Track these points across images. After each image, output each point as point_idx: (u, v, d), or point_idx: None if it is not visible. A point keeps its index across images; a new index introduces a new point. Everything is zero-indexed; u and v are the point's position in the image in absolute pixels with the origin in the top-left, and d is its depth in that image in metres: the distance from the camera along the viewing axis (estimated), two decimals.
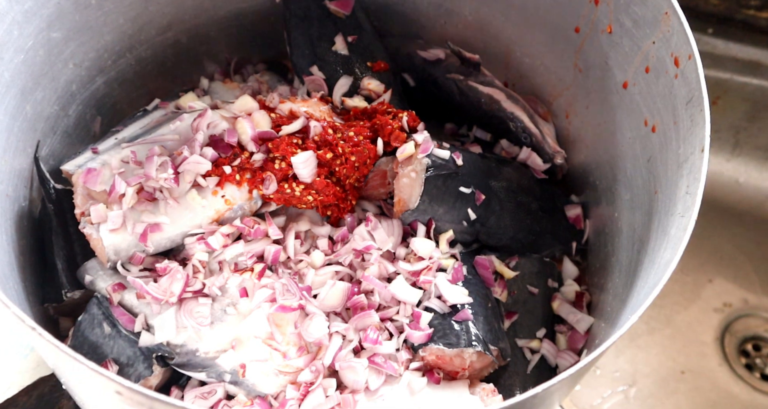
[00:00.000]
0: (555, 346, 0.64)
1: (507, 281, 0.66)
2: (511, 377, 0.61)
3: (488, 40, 0.76)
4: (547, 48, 0.71)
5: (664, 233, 0.48)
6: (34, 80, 0.63)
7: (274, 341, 0.57)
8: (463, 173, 0.65)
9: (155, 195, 0.61)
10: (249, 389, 0.56)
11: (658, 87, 0.55)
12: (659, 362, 0.77)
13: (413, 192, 0.64)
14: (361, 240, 0.63)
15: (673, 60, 0.52)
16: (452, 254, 0.65)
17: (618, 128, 0.63)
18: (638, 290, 0.49)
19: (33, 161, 0.64)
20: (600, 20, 0.62)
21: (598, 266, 0.68)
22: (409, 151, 0.64)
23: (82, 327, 0.58)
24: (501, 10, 0.72)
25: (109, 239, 0.59)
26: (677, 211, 0.47)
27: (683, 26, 0.51)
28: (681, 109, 0.51)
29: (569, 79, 0.71)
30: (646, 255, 0.52)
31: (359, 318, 0.59)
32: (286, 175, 0.63)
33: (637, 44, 0.58)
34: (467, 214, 0.65)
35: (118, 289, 0.59)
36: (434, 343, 0.57)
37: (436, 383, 0.57)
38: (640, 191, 0.59)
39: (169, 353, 0.56)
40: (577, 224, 0.73)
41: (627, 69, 0.60)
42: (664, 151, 0.54)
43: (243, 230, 0.62)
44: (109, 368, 0.55)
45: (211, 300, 0.59)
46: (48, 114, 0.66)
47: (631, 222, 0.60)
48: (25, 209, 0.63)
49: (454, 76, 0.75)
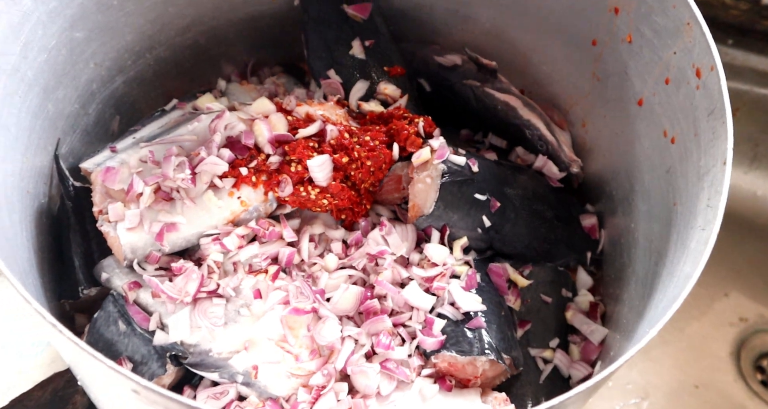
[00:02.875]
0: (568, 356, 0.64)
1: (520, 290, 0.66)
2: (523, 387, 0.61)
3: (505, 47, 0.75)
4: (564, 56, 0.71)
5: (684, 246, 0.48)
6: (56, 79, 0.63)
7: (287, 343, 0.57)
8: (478, 180, 0.65)
9: (172, 195, 0.62)
10: (261, 391, 0.56)
11: (678, 98, 0.55)
12: (672, 375, 0.77)
13: (428, 198, 0.64)
14: (375, 245, 0.63)
15: (695, 71, 0.52)
16: (466, 260, 0.65)
17: (636, 138, 0.63)
18: (656, 303, 0.48)
19: (53, 159, 0.65)
20: (620, 29, 0.61)
21: (613, 277, 0.68)
22: (424, 157, 0.64)
23: (97, 324, 0.58)
24: (519, 17, 0.72)
25: (126, 237, 0.59)
26: (697, 224, 0.47)
27: (706, 37, 0.50)
28: (702, 120, 0.51)
29: (587, 87, 0.70)
30: (665, 268, 0.51)
31: (372, 323, 0.59)
32: (302, 178, 0.64)
33: (657, 54, 0.57)
34: (482, 221, 0.65)
35: (133, 287, 0.60)
36: (447, 350, 0.57)
37: (448, 390, 0.57)
38: (658, 202, 0.58)
39: (183, 353, 0.57)
40: (592, 234, 0.72)
41: (647, 79, 0.60)
42: (684, 163, 0.53)
43: (258, 231, 0.62)
44: (124, 365, 0.56)
45: (225, 301, 0.59)
46: (69, 112, 0.67)
47: (648, 233, 0.59)
48: (45, 205, 0.64)
49: (470, 83, 0.75)
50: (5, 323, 0.68)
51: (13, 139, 0.58)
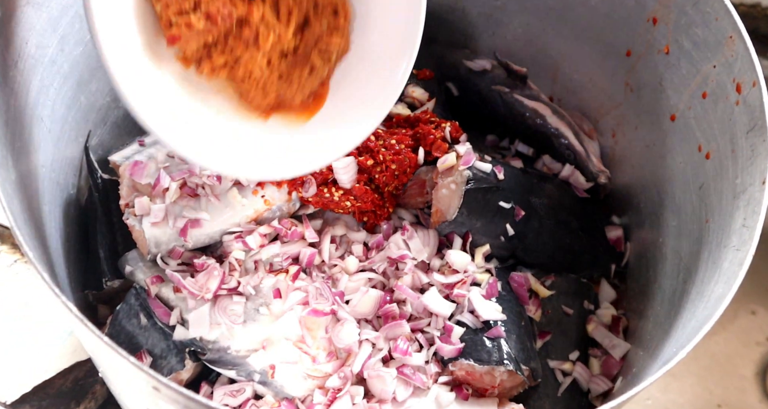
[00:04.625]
0: (588, 370, 0.63)
1: (542, 300, 0.65)
2: (540, 399, 0.60)
3: (536, 54, 0.75)
4: (597, 65, 0.70)
5: (716, 265, 0.47)
6: (90, 72, 0.64)
7: (305, 344, 0.58)
8: (503, 188, 0.64)
9: (197, 191, 0.62)
10: (277, 391, 0.56)
11: (716, 113, 0.53)
12: (695, 393, 0.75)
13: (452, 204, 0.63)
14: (396, 249, 0.63)
15: (735, 86, 0.51)
16: (487, 268, 0.64)
17: (668, 152, 0.62)
18: (684, 323, 0.47)
19: (83, 151, 0.66)
20: (657, 40, 0.60)
21: (637, 291, 0.66)
22: (450, 162, 0.64)
23: (119, 317, 0.59)
24: (552, 24, 0.71)
25: (150, 231, 0.60)
26: (731, 243, 0.46)
27: (749, 52, 0.49)
28: (740, 137, 0.49)
29: (619, 97, 0.69)
30: (694, 286, 0.50)
31: (390, 327, 0.59)
32: (326, 179, 0.64)
33: (695, 67, 0.56)
34: (505, 229, 0.64)
35: (156, 281, 0.60)
36: (465, 358, 0.57)
37: (465, 399, 0.57)
38: (689, 219, 0.57)
39: (202, 349, 0.57)
40: (617, 246, 0.71)
41: (683, 92, 0.58)
42: (719, 180, 0.52)
43: (280, 231, 0.63)
44: (144, 359, 0.56)
45: (245, 299, 0.59)
46: (100, 105, 0.68)
47: (677, 250, 0.58)
48: (73, 196, 0.65)
49: (499, 88, 0.75)
50: (29, 310, 0.70)
51: (46, 130, 0.59)
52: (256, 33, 0.43)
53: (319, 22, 0.47)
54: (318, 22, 0.47)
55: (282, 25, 0.44)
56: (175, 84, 0.46)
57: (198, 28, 0.41)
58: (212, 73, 0.45)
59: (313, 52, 0.48)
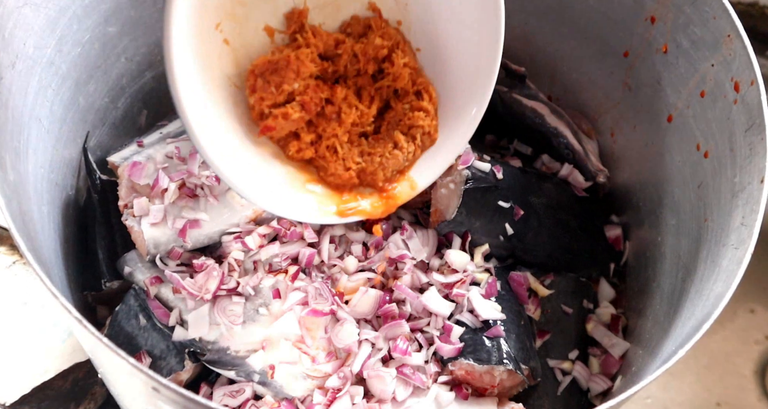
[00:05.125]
0: (587, 369, 0.63)
1: (541, 299, 0.65)
2: (540, 398, 0.60)
3: (535, 53, 0.74)
4: (596, 64, 0.70)
5: (714, 263, 0.47)
6: (88, 73, 0.64)
7: (304, 344, 0.57)
8: (502, 187, 0.64)
9: (196, 192, 0.62)
10: (277, 391, 0.56)
11: (714, 111, 0.53)
12: (694, 391, 0.75)
13: (451, 203, 0.63)
14: (396, 249, 0.63)
15: (733, 85, 0.51)
16: (487, 268, 0.64)
17: (667, 151, 0.62)
18: (683, 321, 0.47)
19: (81, 151, 0.66)
20: (655, 39, 0.60)
21: (636, 290, 0.67)
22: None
23: (118, 317, 0.59)
24: (551, 23, 0.71)
25: (149, 232, 0.60)
26: (730, 242, 0.46)
27: (747, 51, 0.49)
28: (739, 136, 0.49)
29: (618, 96, 0.69)
30: (693, 285, 0.50)
31: (389, 327, 0.59)
32: None
33: (694, 66, 0.56)
34: (504, 228, 0.64)
35: (155, 282, 0.60)
36: (464, 358, 0.57)
37: (464, 398, 0.57)
38: (688, 217, 0.57)
39: (201, 350, 0.57)
40: (616, 245, 0.71)
41: (681, 91, 0.58)
42: (718, 179, 0.52)
43: (279, 231, 0.63)
44: (143, 360, 0.56)
45: (244, 299, 0.59)
46: (98, 106, 0.68)
47: (676, 248, 0.58)
48: (72, 197, 0.65)
49: (498, 88, 0.75)
50: (28, 312, 0.70)
51: (44, 131, 0.58)
52: (339, 110, 0.44)
53: (401, 104, 0.48)
54: (400, 104, 0.48)
55: (364, 105, 0.45)
56: (264, 163, 0.47)
57: (294, 118, 0.43)
58: (298, 154, 0.46)
59: (395, 131, 0.49)
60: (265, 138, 0.46)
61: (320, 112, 0.45)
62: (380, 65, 0.45)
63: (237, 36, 0.43)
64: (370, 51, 0.43)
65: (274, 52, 0.43)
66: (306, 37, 0.43)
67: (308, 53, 0.42)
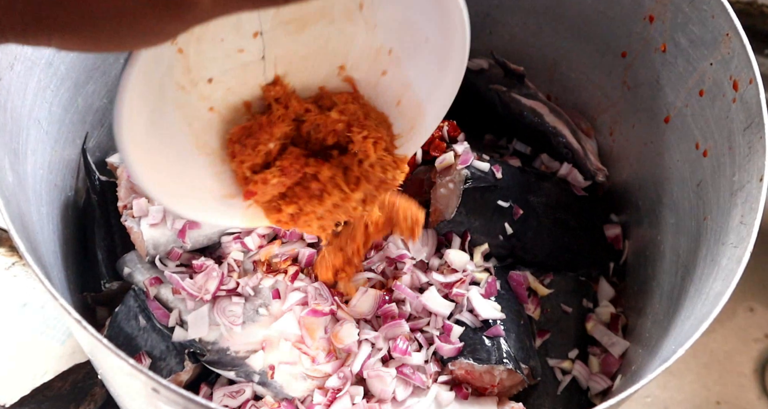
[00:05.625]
0: (587, 368, 0.63)
1: (540, 299, 0.65)
2: (540, 397, 0.60)
3: (533, 53, 0.75)
4: (594, 63, 0.70)
5: (714, 262, 0.47)
6: (87, 74, 0.64)
7: (304, 344, 0.57)
8: (501, 187, 0.64)
9: None
10: (277, 391, 0.56)
11: (713, 110, 0.53)
12: (694, 390, 0.75)
13: (450, 203, 0.63)
14: (395, 248, 0.63)
15: (732, 83, 0.51)
16: (486, 267, 0.64)
17: (666, 149, 0.62)
18: (683, 320, 0.47)
19: (81, 153, 0.66)
20: (654, 38, 0.60)
21: (636, 289, 0.67)
22: (448, 162, 0.64)
23: (118, 318, 0.59)
24: (550, 22, 0.71)
25: (148, 233, 0.60)
26: (729, 241, 0.46)
27: (746, 49, 0.49)
28: (738, 134, 0.49)
29: (616, 95, 0.69)
30: (692, 284, 0.50)
31: (389, 327, 0.59)
32: None
33: (692, 65, 0.56)
34: (504, 228, 0.64)
35: (154, 283, 0.60)
36: (464, 357, 0.57)
37: (464, 398, 0.57)
38: (687, 216, 0.57)
39: (201, 350, 0.57)
40: (616, 244, 0.71)
41: (680, 89, 0.58)
42: (717, 177, 0.52)
43: (278, 231, 0.63)
44: (143, 360, 0.56)
45: (243, 300, 0.59)
46: (97, 107, 0.68)
47: (676, 247, 0.58)
48: (71, 198, 0.65)
49: (496, 87, 0.75)
50: (27, 313, 0.70)
51: (43, 132, 0.58)
52: (322, 189, 0.45)
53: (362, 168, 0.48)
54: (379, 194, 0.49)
55: (349, 191, 0.46)
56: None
57: (273, 182, 0.43)
58: (277, 224, 0.47)
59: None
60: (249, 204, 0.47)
61: (305, 185, 0.45)
62: (342, 139, 0.46)
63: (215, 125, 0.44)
64: (329, 124, 0.44)
65: (250, 119, 0.44)
66: (279, 107, 0.43)
67: (281, 116, 0.43)
